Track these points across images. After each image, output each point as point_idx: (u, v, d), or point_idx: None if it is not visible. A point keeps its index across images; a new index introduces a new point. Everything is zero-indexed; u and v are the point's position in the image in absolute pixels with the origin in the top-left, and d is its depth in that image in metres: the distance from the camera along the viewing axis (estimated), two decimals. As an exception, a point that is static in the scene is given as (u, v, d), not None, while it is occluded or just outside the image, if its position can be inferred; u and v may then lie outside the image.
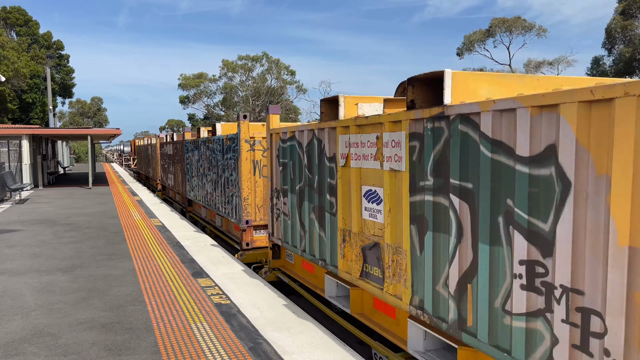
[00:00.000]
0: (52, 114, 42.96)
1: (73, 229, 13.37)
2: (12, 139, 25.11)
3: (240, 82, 65.61)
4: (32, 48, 51.86)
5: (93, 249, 10.75)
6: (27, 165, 25.59)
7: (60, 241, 11.72)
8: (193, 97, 68.30)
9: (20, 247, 11.11)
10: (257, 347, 5.50)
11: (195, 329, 6.05)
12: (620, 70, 44.30)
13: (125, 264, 9.40)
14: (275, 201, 8.62)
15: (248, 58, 64.62)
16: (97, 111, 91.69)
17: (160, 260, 9.68)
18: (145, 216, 15.75)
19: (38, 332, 6.00)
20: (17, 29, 52.59)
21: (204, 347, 5.51)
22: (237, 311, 6.68)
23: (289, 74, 66.27)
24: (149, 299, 7.22)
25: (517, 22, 54.13)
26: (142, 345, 5.58)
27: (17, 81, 44.58)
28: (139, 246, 11.04)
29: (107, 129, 34.96)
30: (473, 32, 56.30)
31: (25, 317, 6.53)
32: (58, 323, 6.31)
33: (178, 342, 5.65)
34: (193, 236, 12.27)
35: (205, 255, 10.13)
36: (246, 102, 65.31)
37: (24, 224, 14.35)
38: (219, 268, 9.04)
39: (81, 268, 9.13)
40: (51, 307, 6.92)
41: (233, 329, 6.03)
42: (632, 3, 42.79)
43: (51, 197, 21.98)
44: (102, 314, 6.62)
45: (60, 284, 8.08)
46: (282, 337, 5.79)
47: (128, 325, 6.21)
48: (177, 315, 6.54)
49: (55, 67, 54.20)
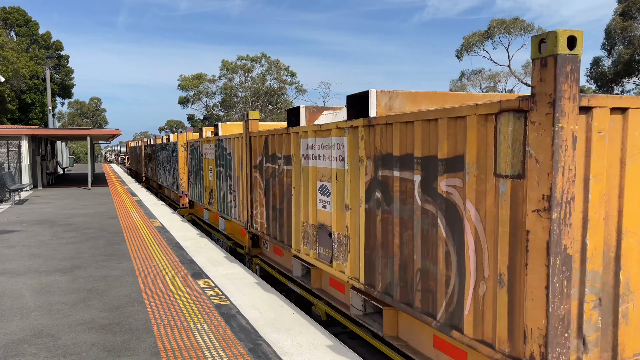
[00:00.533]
0: (51, 114, 42.93)
1: (72, 230, 13.36)
2: (12, 140, 25.09)
3: (240, 83, 65.61)
4: (32, 48, 51.87)
5: (92, 250, 10.74)
6: (27, 166, 25.57)
7: (60, 242, 11.71)
8: (192, 97, 68.31)
9: (20, 247, 11.10)
10: (257, 348, 5.50)
11: (194, 330, 6.05)
12: (620, 72, 44.32)
13: (125, 264, 9.40)
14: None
15: (248, 58, 64.64)
16: (96, 111, 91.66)
17: (159, 260, 9.68)
18: (144, 217, 15.74)
19: (37, 333, 6.00)
20: (16, 29, 52.58)
21: (204, 348, 5.50)
22: (237, 312, 6.68)
23: (288, 74, 66.31)
24: (149, 300, 7.22)
25: (515, 23, 54.17)
26: (141, 346, 5.58)
27: (16, 81, 44.56)
28: (138, 247, 11.03)
29: (107, 130, 34.96)
30: (472, 34, 56.30)
31: (25, 318, 6.52)
32: (57, 324, 6.30)
33: (178, 343, 5.65)
34: (192, 237, 12.26)
35: (204, 256, 10.13)
36: (246, 103, 65.32)
37: (23, 225, 14.34)
38: (219, 269, 9.04)
39: (80, 269, 9.13)
40: (50, 308, 6.92)
41: (233, 330, 6.02)
42: (632, 4, 42.82)
43: (50, 198, 21.97)
44: (102, 315, 6.62)
45: (60, 285, 8.07)
46: (282, 338, 5.78)
47: (127, 326, 6.20)
48: (176, 316, 6.53)
49: (54, 68, 54.20)
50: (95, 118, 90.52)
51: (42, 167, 28.22)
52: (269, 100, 65.51)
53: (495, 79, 58.56)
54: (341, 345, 5.60)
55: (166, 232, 12.95)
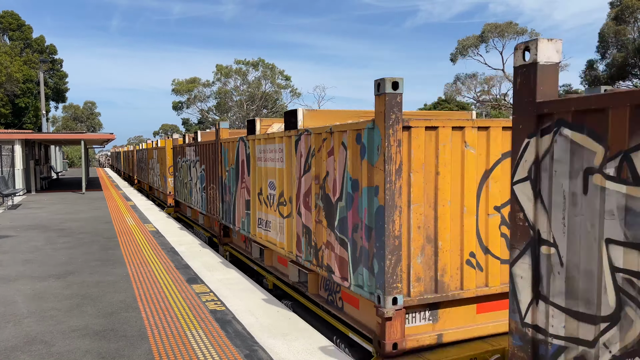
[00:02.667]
0: (45, 118, 42.74)
1: (66, 235, 13.26)
2: (5, 144, 24.93)
3: (235, 87, 65.54)
4: (25, 52, 51.62)
5: (86, 255, 10.66)
6: (20, 170, 25.41)
7: (54, 247, 11.62)
8: (186, 102, 68.17)
9: (13, 253, 11.00)
10: (253, 354, 5.45)
11: (190, 336, 5.99)
12: (614, 76, 44.54)
13: (119, 270, 9.32)
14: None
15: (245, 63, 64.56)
16: (90, 115, 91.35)
17: (154, 266, 9.61)
18: (139, 221, 15.65)
19: (30, 340, 5.92)
20: (10, 33, 52.32)
21: (199, 354, 5.45)
22: (233, 317, 6.62)
23: (283, 78, 66.28)
24: (143, 306, 7.15)
25: (509, 27, 54.37)
26: (136, 353, 5.52)
27: (10, 86, 44.33)
28: (133, 252, 10.95)
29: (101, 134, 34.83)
30: (466, 38, 56.45)
31: (18, 325, 6.44)
32: (51, 330, 6.23)
33: (173, 349, 5.59)
34: (187, 242, 12.19)
35: (199, 261, 10.06)
36: (240, 107, 65.25)
37: (16, 230, 14.22)
38: (214, 274, 8.98)
39: (74, 274, 9.04)
40: (44, 314, 6.84)
41: (228, 336, 5.97)
42: (625, 9, 43.08)
43: (44, 203, 21.84)
44: (96, 321, 6.55)
45: (53, 291, 7.99)
46: (278, 344, 5.74)
47: (122, 332, 6.14)
48: (171, 322, 6.47)
49: (48, 72, 53.98)
50: (90, 122, 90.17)
51: (35, 172, 28.05)
52: (264, 104, 65.44)
53: (490, 82, 58.75)
54: (338, 350, 5.56)
55: (161, 236, 12.87)
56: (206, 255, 10.57)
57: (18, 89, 46.30)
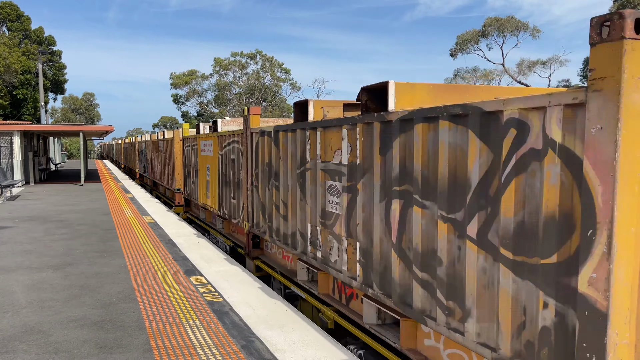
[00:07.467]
0: (43, 110, 42.66)
1: (65, 226, 13.29)
2: (4, 135, 24.90)
3: (234, 80, 65.39)
4: (24, 43, 51.44)
5: (85, 246, 10.69)
6: (19, 162, 25.40)
7: (52, 238, 11.65)
8: (185, 95, 68.04)
9: (11, 244, 11.03)
10: (250, 345, 5.49)
11: (187, 326, 6.03)
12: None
13: (117, 261, 9.35)
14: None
15: (242, 55, 64.39)
16: (89, 107, 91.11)
17: (152, 257, 9.64)
18: (137, 213, 15.68)
19: (29, 330, 5.96)
20: (8, 24, 52.14)
21: (197, 345, 5.49)
22: (230, 309, 6.66)
23: (283, 71, 66.13)
24: (141, 297, 7.19)
25: (510, 21, 54.23)
26: (133, 343, 5.56)
27: (8, 77, 44.23)
28: (131, 243, 10.98)
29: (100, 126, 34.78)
30: (466, 32, 56.31)
31: (16, 315, 6.48)
32: (49, 320, 6.27)
33: (170, 340, 5.63)
34: (186, 234, 12.23)
35: (197, 253, 10.10)
36: (239, 99, 65.13)
37: (15, 221, 14.24)
38: (212, 266, 9.02)
39: (73, 265, 9.08)
40: (42, 305, 6.88)
41: (225, 327, 6.01)
42: (627, 3, 43.00)
43: (43, 194, 21.85)
44: (94, 312, 6.58)
45: (52, 281, 8.03)
46: (275, 335, 5.78)
47: (120, 323, 6.18)
48: (169, 313, 6.51)
49: (47, 63, 53.80)
50: (88, 114, 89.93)
51: (34, 163, 28.04)
52: (264, 97, 65.33)
53: (489, 77, 58.64)
54: (334, 341, 5.60)
55: (159, 228, 12.90)
56: (204, 248, 10.61)
57: (17, 80, 46.19)
